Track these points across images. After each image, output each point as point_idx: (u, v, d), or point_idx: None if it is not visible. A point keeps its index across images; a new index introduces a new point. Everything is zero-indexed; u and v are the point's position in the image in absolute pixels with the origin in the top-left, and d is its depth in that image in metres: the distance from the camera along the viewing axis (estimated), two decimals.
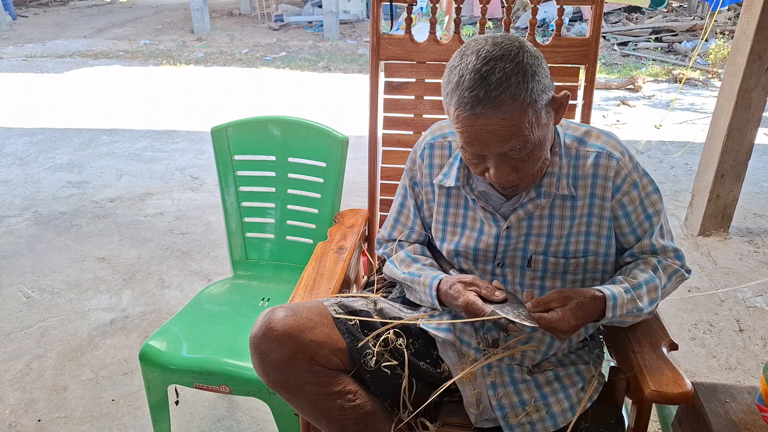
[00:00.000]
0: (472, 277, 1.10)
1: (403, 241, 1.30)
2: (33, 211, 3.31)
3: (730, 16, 9.20)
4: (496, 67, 0.90)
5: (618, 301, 1.04)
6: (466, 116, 0.93)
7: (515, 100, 0.91)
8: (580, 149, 1.10)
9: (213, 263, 2.76)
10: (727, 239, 3.01)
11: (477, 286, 1.07)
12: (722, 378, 2.02)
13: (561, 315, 0.99)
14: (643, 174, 1.12)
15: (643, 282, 1.08)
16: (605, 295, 1.04)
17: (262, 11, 11.48)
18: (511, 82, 0.90)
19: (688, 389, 0.99)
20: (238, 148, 1.73)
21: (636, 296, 1.06)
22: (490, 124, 0.92)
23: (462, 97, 0.93)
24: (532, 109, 0.93)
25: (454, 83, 0.94)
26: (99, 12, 12.92)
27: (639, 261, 1.14)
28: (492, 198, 1.13)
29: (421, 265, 1.22)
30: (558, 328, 0.99)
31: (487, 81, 0.90)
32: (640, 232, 1.13)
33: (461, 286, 1.08)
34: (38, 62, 7.69)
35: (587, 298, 1.03)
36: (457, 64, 0.95)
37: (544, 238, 1.11)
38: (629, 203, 1.10)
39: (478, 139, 0.95)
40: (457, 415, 1.16)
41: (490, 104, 0.91)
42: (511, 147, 0.95)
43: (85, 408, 1.87)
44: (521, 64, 0.91)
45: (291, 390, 1.03)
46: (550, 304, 1.01)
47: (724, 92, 2.80)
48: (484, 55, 0.92)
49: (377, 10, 1.57)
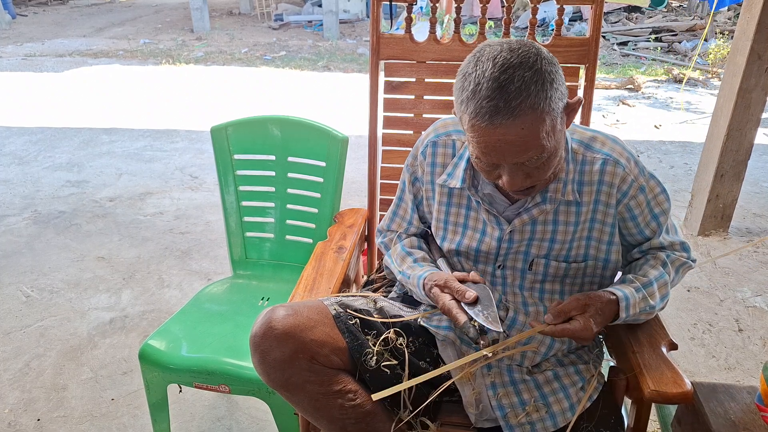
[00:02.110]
0: (445, 277, 1.10)
1: (402, 233, 1.30)
2: (32, 211, 3.31)
3: (730, 16, 9.20)
4: (515, 76, 0.87)
5: (630, 301, 1.06)
6: (484, 126, 0.90)
7: (535, 109, 0.88)
8: (587, 155, 1.08)
9: (213, 263, 2.76)
10: (726, 239, 3.02)
11: (449, 288, 1.07)
12: (722, 378, 2.02)
13: (583, 324, 1.01)
14: (650, 177, 1.12)
15: (653, 279, 1.10)
16: (618, 296, 1.06)
17: (261, 10, 11.47)
18: (531, 90, 0.87)
19: (688, 389, 0.99)
20: (237, 147, 1.73)
21: (647, 294, 1.08)
22: (509, 134, 0.89)
23: (480, 106, 0.89)
24: (550, 118, 0.90)
25: (470, 91, 0.90)
26: (98, 11, 12.90)
27: (648, 257, 1.16)
28: (496, 201, 1.13)
29: (413, 260, 1.22)
30: (581, 337, 1.01)
31: (507, 90, 0.87)
32: (648, 232, 1.14)
33: (438, 290, 1.09)
34: (38, 61, 7.67)
35: (604, 303, 1.05)
36: (471, 70, 0.91)
37: (547, 243, 1.11)
38: (636, 206, 1.11)
39: (495, 149, 0.92)
40: (457, 414, 1.16)
41: (510, 114, 0.88)
42: (528, 157, 0.93)
43: (84, 407, 1.87)
44: (540, 71, 0.89)
45: (291, 389, 1.04)
46: (570, 313, 1.02)
47: (724, 92, 2.81)
48: (502, 63, 0.88)
49: (377, 10, 1.57)
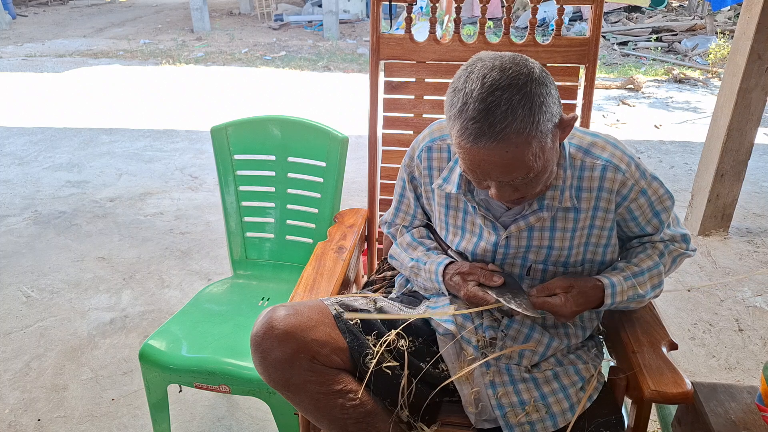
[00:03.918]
0: (469, 266, 1.13)
1: (407, 226, 1.32)
2: (33, 211, 3.31)
3: (730, 16, 9.19)
4: (502, 99, 0.86)
5: (617, 289, 1.09)
6: (468, 147, 0.90)
7: (520, 134, 0.87)
8: (586, 160, 1.07)
9: (213, 263, 2.76)
10: (726, 239, 3.01)
11: (475, 275, 1.10)
12: (722, 378, 2.02)
13: (564, 300, 1.05)
14: (652, 179, 1.10)
15: (645, 269, 1.12)
16: (603, 284, 1.09)
17: (261, 11, 11.46)
18: (517, 115, 0.86)
19: (688, 389, 0.99)
20: (237, 147, 1.73)
21: (637, 283, 1.10)
22: (493, 156, 0.89)
23: (465, 127, 0.88)
24: (537, 141, 0.89)
25: (457, 110, 0.90)
26: (99, 11, 12.90)
27: (646, 245, 1.17)
28: (493, 206, 1.12)
29: (425, 249, 1.23)
30: (559, 313, 1.06)
31: (493, 113, 0.86)
32: (650, 229, 1.15)
33: (459, 278, 1.12)
34: (38, 61, 7.67)
35: (589, 287, 1.08)
36: (461, 87, 0.90)
37: (545, 249, 1.11)
38: (637, 209, 1.11)
39: (480, 168, 0.92)
40: (457, 414, 1.16)
41: (494, 138, 0.87)
42: (513, 177, 0.92)
43: (84, 407, 1.87)
44: (528, 95, 0.87)
45: (292, 389, 1.04)
46: (554, 290, 1.07)
47: (724, 92, 2.80)
48: (490, 83, 0.87)
49: (377, 10, 1.57)
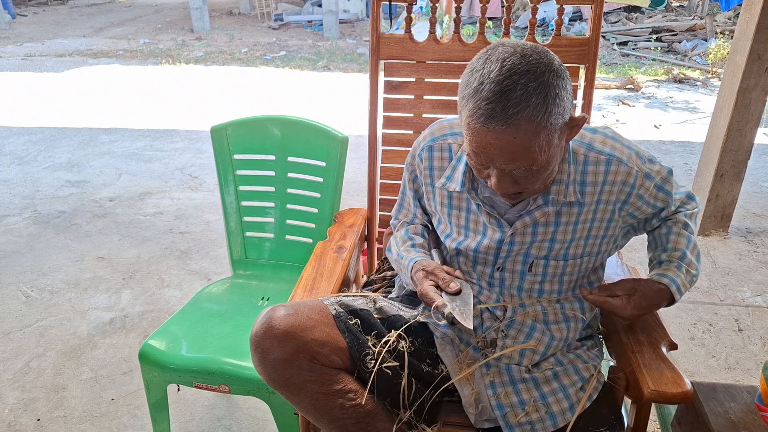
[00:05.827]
0: (434, 266, 1.14)
1: (409, 222, 1.33)
2: (32, 211, 3.31)
3: (729, 16, 9.19)
4: (518, 83, 0.86)
5: (679, 282, 1.11)
6: (477, 127, 0.90)
7: (531, 121, 0.87)
8: (589, 155, 1.07)
9: (212, 262, 2.76)
10: (726, 239, 3.02)
11: (436, 276, 1.12)
12: (721, 378, 2.03)
13: (624, 303, 1.08)
14: (649, 161, 1.10)
15: (685, 249, 1.15)
16: (667, 284, 1.11)
17: (261, 10, 11.46)
18: (531, 102, 0.86)
19: (688, 389, 0.99)
20: (237, 147, 1.73)
21: (687, 267, 1.14)
22: (500, 140, 0.89)
23: (477, 106, 0.88)
24: (545, 132, 0.89)
25: (473, 89, 0.90)
26: (98, 11, 12.90)
27: (669, 223, 1.18)
28: (497, 203, 1.12)
29: (411, 244, 1.25)
30: (618, 314, 1.09)
31: (507, 96, 0.86)
32: (660, 204, 1.14)
33: (422, 274, 1.13)
34: (37, 61, 7.67)
35: (653, 291, 1.11)
36: (479, 68, 0.90)
37: (547, 243, 1.11)
38: (645, 191, 1.10)
39: (485, 151, 0.92)
40: (457, 414, 1.16)
41: (505, 121, 0.87)
42: (516, 167, 0.92)
43: (84, 407, 1.87)
44: (545, 83, 0.87)
45: (292, 389, 1.04)
46: (616, 291, 1.10)
47: (724, 92, 2.80)
48: (509, 67, 0.87)
49: (377, 10, 1.57)
